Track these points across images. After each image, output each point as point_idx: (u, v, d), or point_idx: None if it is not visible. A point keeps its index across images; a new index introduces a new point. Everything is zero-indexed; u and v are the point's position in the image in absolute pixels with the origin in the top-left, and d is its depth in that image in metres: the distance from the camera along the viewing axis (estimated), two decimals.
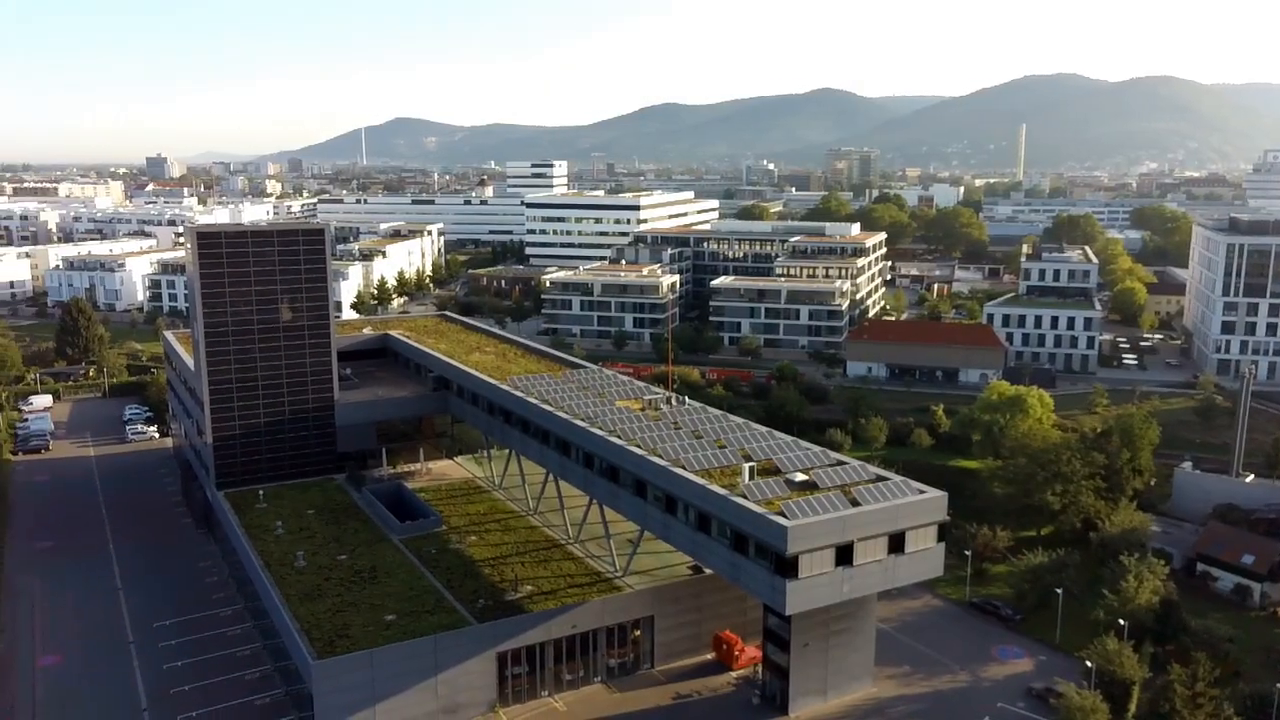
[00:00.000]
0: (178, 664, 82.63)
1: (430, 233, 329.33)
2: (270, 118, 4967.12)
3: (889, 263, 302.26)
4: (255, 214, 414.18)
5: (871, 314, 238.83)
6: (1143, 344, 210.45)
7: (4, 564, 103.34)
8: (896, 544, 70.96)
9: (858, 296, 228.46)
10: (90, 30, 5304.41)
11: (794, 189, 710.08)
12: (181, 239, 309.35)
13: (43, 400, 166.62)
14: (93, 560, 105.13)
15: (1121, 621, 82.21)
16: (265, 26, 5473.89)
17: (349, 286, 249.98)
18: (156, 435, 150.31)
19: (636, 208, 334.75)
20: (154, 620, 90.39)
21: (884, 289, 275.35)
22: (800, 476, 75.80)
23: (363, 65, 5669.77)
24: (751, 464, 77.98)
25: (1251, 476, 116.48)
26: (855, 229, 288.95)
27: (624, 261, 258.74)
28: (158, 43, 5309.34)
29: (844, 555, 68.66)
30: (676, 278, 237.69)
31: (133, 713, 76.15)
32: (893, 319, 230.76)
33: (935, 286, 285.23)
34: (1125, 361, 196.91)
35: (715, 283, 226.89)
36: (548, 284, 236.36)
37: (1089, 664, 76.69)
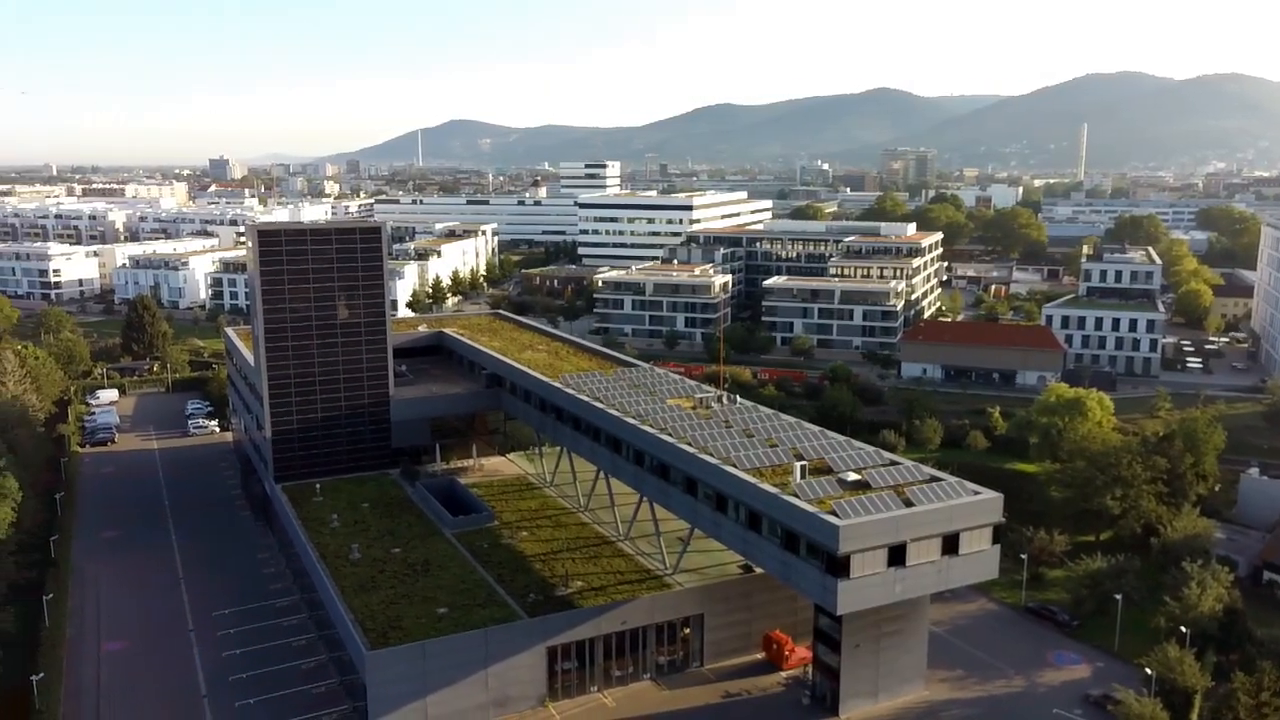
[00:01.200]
0: (236, 652, 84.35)
1: (484, 233, 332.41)
2: (329, 120, 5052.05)
3: (945, 263, 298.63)
4: (314, 214, 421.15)
5: (927, 315, 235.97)
6: (1208, 347, 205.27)
7: (71, 552, 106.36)
8: (950, 545, 70.01)
9: (913, 297, 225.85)
10: (154, 32, 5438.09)
11: (849, 189, 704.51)
12: (242, 238, 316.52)
13: (109, 394, 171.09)
14: (155, 550, 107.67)
15: (1183, 629, 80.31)
16: (323, 31, 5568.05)
17: (405, 285, 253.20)
18: (217, 429, 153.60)
19: (689, 208, 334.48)
20: (213, 609, 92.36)
21: (940, 290, 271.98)
22: (853, 476, 75.13)
23: (420, 68, 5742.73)
24: (803, 463, 77.43)
25: None
26: (911, 229, 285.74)
27: (676, 261, 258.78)
28: (219, 46, 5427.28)
29: (897, 555, 67.92)
30: (729, 278, 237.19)
31: (192, 698, 77.86)
32: (949, 320, 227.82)
33: (992, 287, 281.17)
34: (1189, 365, 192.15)
35: (768, 282, 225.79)
36: (600, 283, 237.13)
37: (1149, 671, 74.95)
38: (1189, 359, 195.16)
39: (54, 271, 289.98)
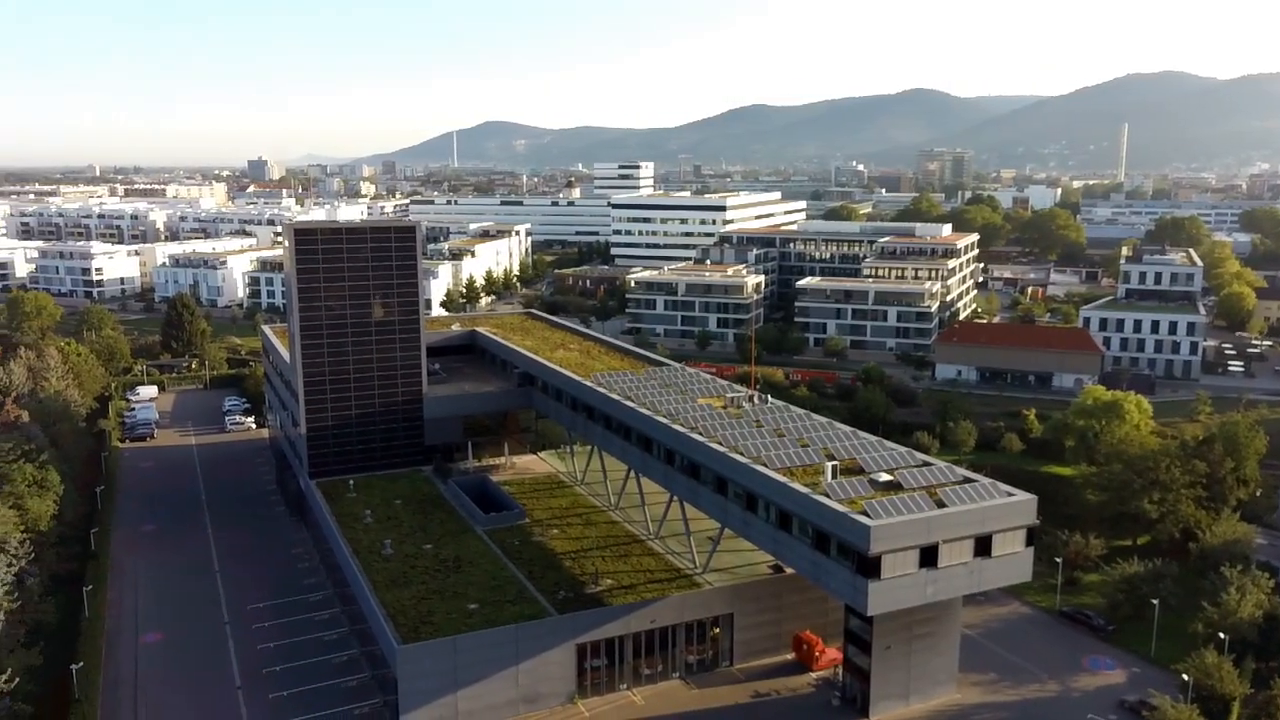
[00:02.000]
0: (270, 645, 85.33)
1: (518, 233, 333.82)
2: (365, 122, 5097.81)
3: (981, 265, 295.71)
4: (350, 214, 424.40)
5: (962, 316, 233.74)
6: (1250, 350, 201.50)
7: (111, 545, 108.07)
8: (983, 547, 69.36)
9: (948, 298, 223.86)
10: (188, 37, 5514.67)
11: (884, 190, 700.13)
12: (280, 238, 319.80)
13: (148, 391, 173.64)
14: (192, 543, 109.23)
15: (1221, 635, 78.97)
16: (358, 33, 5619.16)
17: (439, 285, 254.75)
18: (253, 426, 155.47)
19: (722, 208, 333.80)
20: (248, 603, 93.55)
21: (976, 291, 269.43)
22: (885, 476, 74.69)
23: (455, 70, 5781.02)
24: (834, 463, 77.07)
25: None
26: (946, 230, 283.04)
27: (709, 262, 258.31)
28: (256, 51, 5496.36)
29: (928, 557, 67.40)
30: (761, 278, 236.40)
31: (227, 690, 78.91)
32: (984, 322, 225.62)
33: (1029, 289, 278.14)
34: (1231, 368, 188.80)
35: (801, 283, 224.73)
36: (632, 283, 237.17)
37: (1186, 678, 73.81)
38: (1230, 362, 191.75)
39: (96, 270, 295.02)
